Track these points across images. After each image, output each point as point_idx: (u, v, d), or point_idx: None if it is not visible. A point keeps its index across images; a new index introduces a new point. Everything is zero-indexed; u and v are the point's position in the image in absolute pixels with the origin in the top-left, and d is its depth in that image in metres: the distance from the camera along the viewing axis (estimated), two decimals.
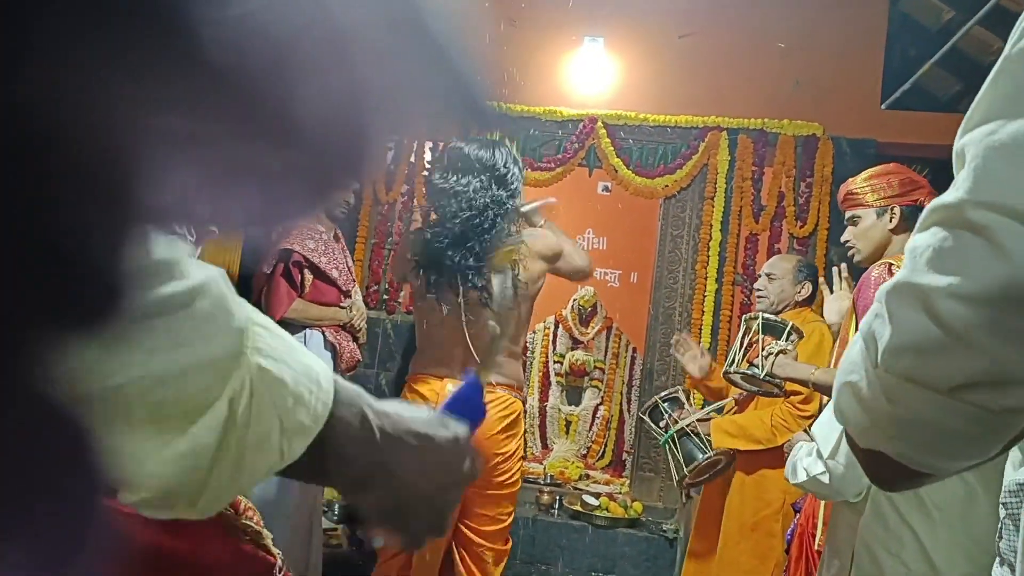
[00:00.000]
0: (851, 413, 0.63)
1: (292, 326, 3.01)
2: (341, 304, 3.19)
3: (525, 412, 2.74)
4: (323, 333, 3.11)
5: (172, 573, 0.46)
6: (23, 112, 0.24)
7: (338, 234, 3.31)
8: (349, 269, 3.29)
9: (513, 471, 2.57)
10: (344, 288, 3.19)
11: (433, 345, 2.57)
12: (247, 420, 0.47)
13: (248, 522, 0.75)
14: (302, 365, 0.51)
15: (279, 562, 0.84)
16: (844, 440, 1.45)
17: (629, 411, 5.34)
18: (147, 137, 0.27)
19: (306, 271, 3.07)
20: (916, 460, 0.60)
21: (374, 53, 0.32)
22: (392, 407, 0.58)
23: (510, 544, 2.69)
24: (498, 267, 2.30)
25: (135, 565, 0.46)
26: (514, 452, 2.56)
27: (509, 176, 2.42)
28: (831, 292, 2.57)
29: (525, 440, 3.14)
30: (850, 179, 2.43)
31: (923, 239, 0.58)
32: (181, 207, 0.31)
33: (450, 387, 2.44)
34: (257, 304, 2.99)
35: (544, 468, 4.82)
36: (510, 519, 2.64)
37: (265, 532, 0.76)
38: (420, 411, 0.60)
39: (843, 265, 2.59)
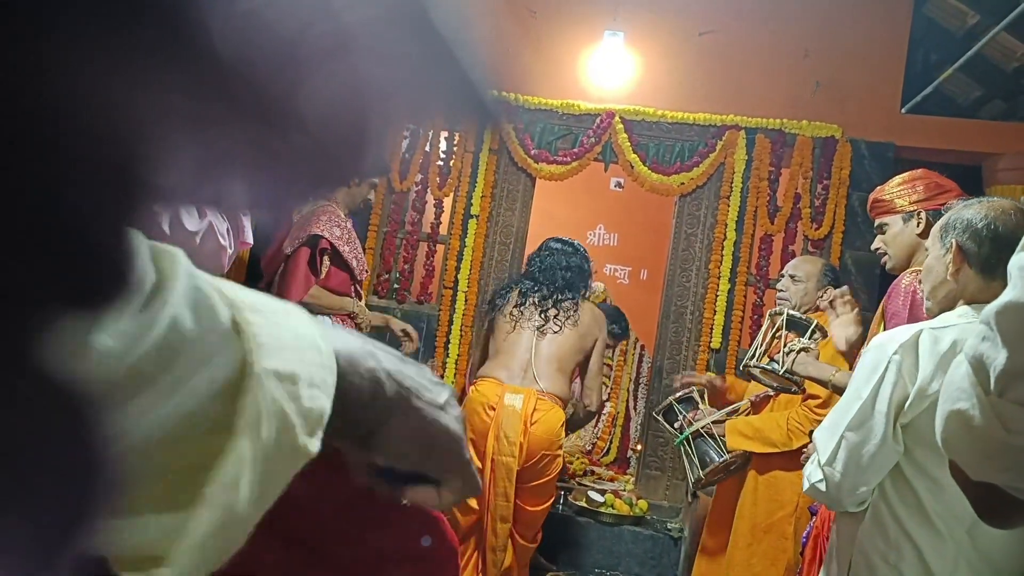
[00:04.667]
0: (960, 443, 0.58)
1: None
2: (356, 290, 3.21)
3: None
4: (330, 319, 3.12)
5: None
6: (33, 94, 0.24)
7: (351, 221, 3.32)
8: (362, 258, 3.31)
9: None
10: (359, 277, 3.21)
11: None
12: (270, 446, 0.41)
13: None
14: (296, 335, 0.45)
15: None
16: (843, 447, 1.42)
17: (635, 408, 5.33)
18: (152, 118, 0.27)
19: (326, 258, 3.08)
20: None
21: (377, 46, 0.32)
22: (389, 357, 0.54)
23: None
24: None
25: None
26: None
27: None
28: (836, 317, 2.45)
29: None
30: (879, 187, 2.42)
31: None
32: (186, 187, 0.31)
33: None
34: (270, 285, 3.00)
35: None
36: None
37: None
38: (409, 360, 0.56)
39: (844, 288, 2.46)
